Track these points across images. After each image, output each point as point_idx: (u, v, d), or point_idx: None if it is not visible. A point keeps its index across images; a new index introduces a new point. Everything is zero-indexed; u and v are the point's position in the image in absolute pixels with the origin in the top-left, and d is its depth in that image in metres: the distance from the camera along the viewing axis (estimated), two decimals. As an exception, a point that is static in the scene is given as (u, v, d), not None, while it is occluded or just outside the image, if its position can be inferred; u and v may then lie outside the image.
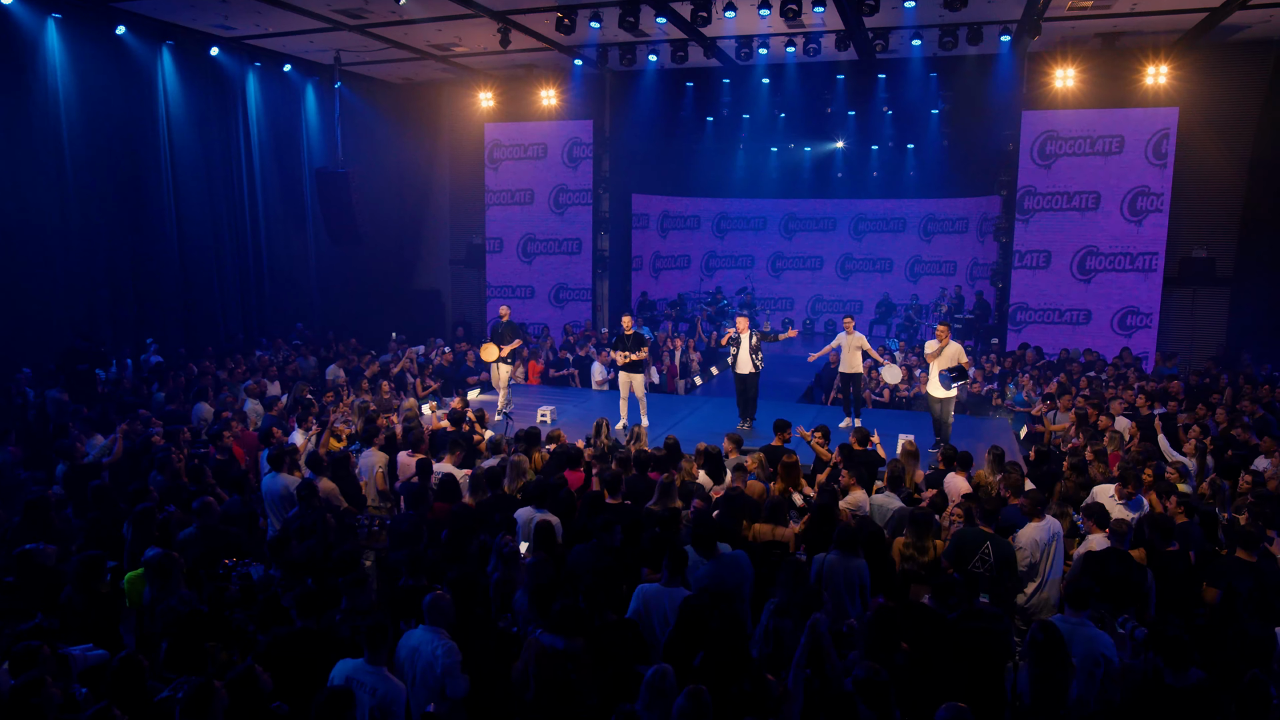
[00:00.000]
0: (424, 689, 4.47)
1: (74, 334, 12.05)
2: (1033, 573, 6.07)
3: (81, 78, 12.70)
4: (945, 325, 10.34)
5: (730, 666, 4.17)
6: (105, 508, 6.73)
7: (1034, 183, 15.98)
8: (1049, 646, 4.16)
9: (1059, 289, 16.09)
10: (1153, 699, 4.11)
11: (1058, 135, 15.79)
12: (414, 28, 14.59)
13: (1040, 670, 4.16)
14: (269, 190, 16.51)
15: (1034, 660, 4.19)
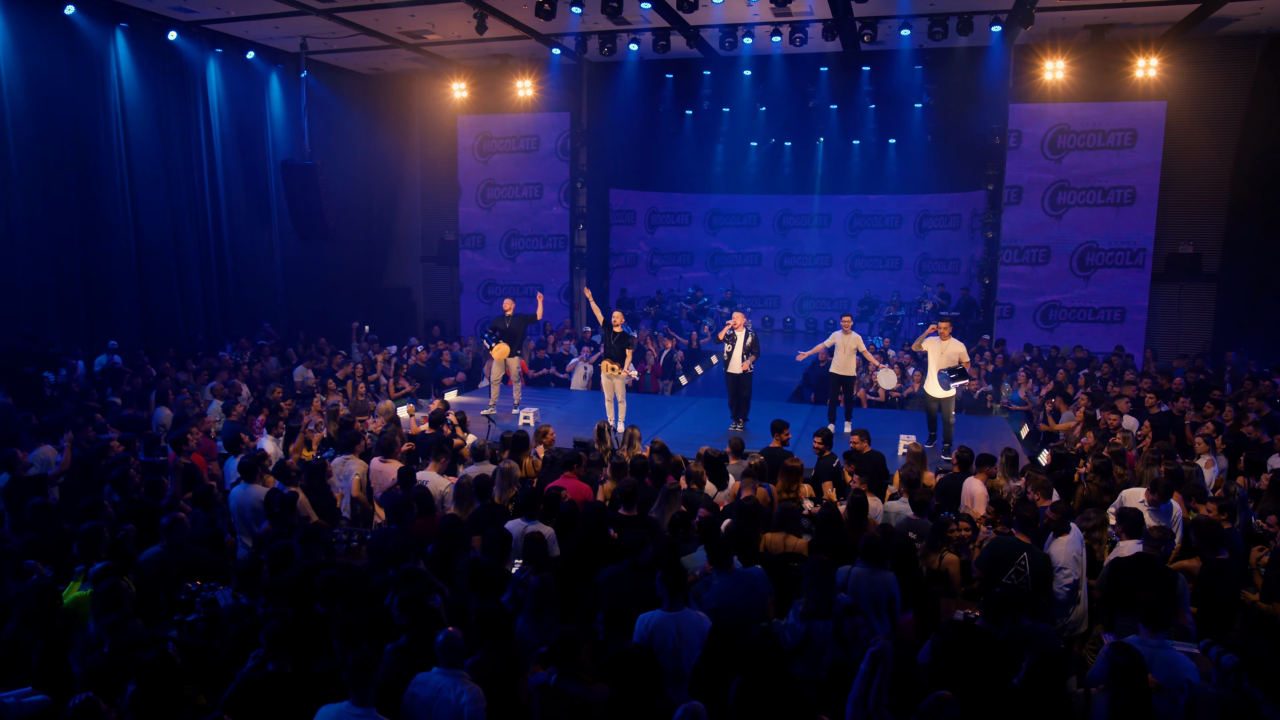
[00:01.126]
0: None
1: (16, 334, 11.24)
2: (1074, 595, 5.64)
3: (26, 59, 11.90)
4: (947, 322, 9.92)
5: (775, 701, 3.67)
6: (46, 527, 6.07)
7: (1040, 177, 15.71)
8: (1131, 671, 3.71)
9: (1051, 284, 15.87)
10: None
11: (1069, 129, 15.54)
12: (385, 13, 13.96)
13: (1121, 699, 3.71)
14: (231, 183, 15.73)
15: (1114, 688, 3.74)
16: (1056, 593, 5.59)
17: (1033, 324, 15.96)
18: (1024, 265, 16.03)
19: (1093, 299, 15.74)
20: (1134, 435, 9.02)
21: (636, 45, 15.49)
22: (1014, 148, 15.82)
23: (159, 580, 5.29)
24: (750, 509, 6.01)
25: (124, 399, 10.50)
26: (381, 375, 13.20)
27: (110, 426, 9.13)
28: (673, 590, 4.69)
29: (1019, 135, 15.80)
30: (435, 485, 7.19)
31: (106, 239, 13.26)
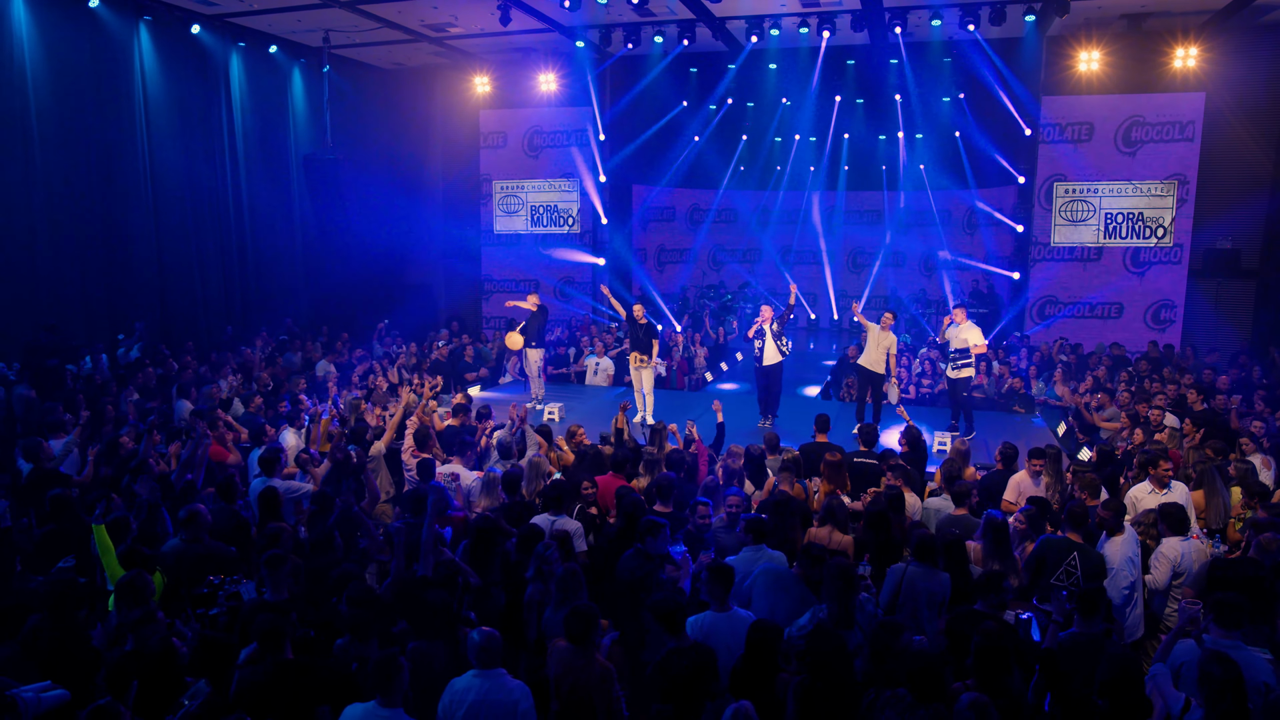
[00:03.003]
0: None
1: (38, 326, 11.18)
2: (1131, 598, 5.37)
3: (51, 52, 11.84)
4: (961, 308, 10.31)
5: (838, 699, 3.49)
6: (65, 519, 5.94)
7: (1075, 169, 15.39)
8: (1229, 683, 3.46)
9: (1084, 280, 15.52)
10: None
11: (1105, 121, 15.19)
12: (408, 5, 13.86)
13: (1218, 710, 3.45)
14: (253, 177, 15.63)
15: (1211, 699, 3.48)
16: (1112, 596, 5.32)
17: (1072, 320, 15.55)
18: (1059, 261, 15.66)
19: (1128, 295, 15.36)
20: (1179, 432, 8.71)
21: (661, 38, 15.28)
22: (1047, 141, 15.46)
23: (177, 573, 5.13)
24: (784, 503, 5.78)
25: (143, 392, 10.40)
26: (402, 370, 13.05)
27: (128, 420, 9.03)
28: (723, 591, 4.52)
29: (1053, 128, 15.44)
30: (464, 479, 7.06)
31: (128, 233, 13.19)
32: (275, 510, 5.89)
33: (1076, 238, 15.62)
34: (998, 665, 3.78)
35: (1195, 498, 6.72)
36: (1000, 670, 3.78)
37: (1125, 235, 15.43)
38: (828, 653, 3.87)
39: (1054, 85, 15.27)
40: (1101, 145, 15.23)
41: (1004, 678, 3.80)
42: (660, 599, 4.30)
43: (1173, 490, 6.49)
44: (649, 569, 5.05)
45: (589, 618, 4.16)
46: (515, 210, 18.84)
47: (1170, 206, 15.14)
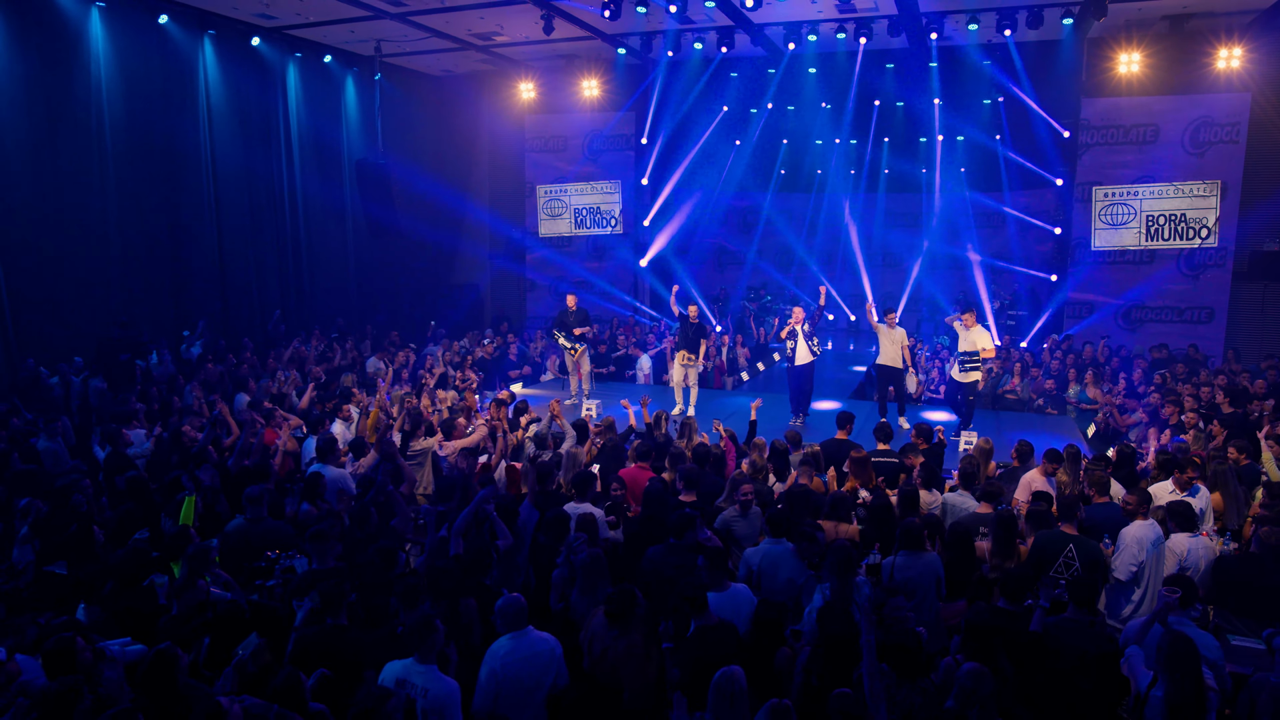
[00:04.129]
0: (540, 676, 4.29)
1: (112, 322, 11.92)
2: (1138, 578, 5.58)
3: (123, 67, 12.61)
4: (971, 312, 10.48)
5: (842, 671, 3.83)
6: (140, 498, 6.50)
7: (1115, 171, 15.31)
8: (1185, 658, 3.71)
9: (1125, 282, 15.46)
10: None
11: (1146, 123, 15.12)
12: (456, 16, 14.36)
13: (1176, 683, 3.70)
14: (308, 182, 16.35)
15: (1170, 673, 3.73)
16: (1120, 574, 5.55)
17: (1115, 323, 15.49)
18: (1101, 264, 15.61)
19: (1180, 299, 15.25)
20: (1203, 433, 8.78)
21: (701, 44, 15.60)
22: (1087, 144, 15.44)
23: (241, 549, 5.63)
24: (800, 495, 6.09)
25: (205, 385, 11.05)
26: (449, 367, 13.57)
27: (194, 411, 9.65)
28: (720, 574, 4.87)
29: (1093, 130, 15.41)
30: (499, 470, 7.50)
31: (192, 235, 13.95)
32: (319, 492, 6.37)
33: (1117, 240, 15.57)
34: (987, 644, 4.06)
35: (1214, 499, 6.84)
36: (989, 647, 4.05)
37: (1168, 237, 15.34)
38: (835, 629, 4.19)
39: (1094, 88, 15.24)
40: (1143, 147, 15.16)
41: (994, 656, 4.07)
42: (687, 583, 4.65)
43: (1196, 496, 6.57)
44: (684, 562, 5.27)
45: (629, 600, 4.47)
46: (559, 213, 19.32)
47: (1214, 208, 15.01)
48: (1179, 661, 3.78)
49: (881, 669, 3.82)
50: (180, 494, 6.16)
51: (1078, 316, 15.81)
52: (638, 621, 4.47)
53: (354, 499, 6.45)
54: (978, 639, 4.06)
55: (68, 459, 8.30)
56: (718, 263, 21.82)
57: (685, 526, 5.33)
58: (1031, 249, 17.63)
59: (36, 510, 6.15)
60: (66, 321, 11.93)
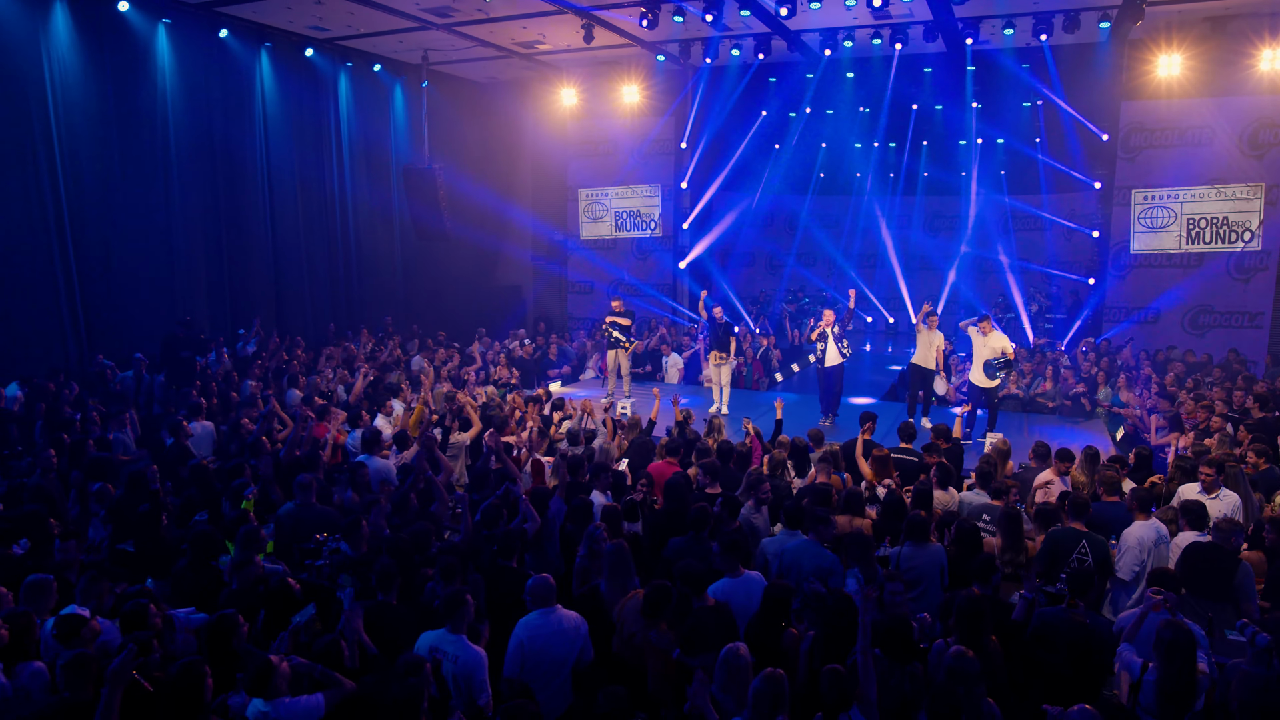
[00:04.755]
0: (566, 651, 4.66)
1: (175, 321, 12.62)
2: (1140, 577, 5.77)
3: (186, 79, 13.31)
4: (988, 319, 10.68)
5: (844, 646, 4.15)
6: (201, 485, 7.03)
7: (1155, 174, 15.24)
8: (1180, 645, 3.95)
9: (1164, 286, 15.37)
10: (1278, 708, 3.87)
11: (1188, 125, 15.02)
12: (500, 26, 14.83)
13: (1169, 671, 3.94)
14: (358, 187, 17.00)
15: (1165, 659, 3.97)
16: (1123, 574, 5.75)
17: (1181, 329, 15.33)
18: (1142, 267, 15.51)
19: (1214, 301, 15.12)
20: (1228, 437, 8.84)
21: (739, 50, 15.88)
22: (1126, 147, 15.38)
23: (292, 531, 6.11)
24: (818, 489, 6.39)
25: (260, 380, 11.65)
26: (490, 363, 14.06)
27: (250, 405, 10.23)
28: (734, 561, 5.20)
29: (1133, 133, 15.35)
30: (535, 460, 7.92)
31: (248, 238, 14.66)
32: (359, 482, 6.84)
33: (1157, 244, 15.48)
34: (976, 626, 4.33)
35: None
36: (977, 630, 4.33)
37: (1209, 240, 15.21)
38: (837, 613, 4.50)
39: (1133, 90, 15.18)
40: (1187, 150, 15.06)
41: (981, 637, 4.34)
42: (685, 565, 4.99)
43: (1221, 499, 6.69)
44: (705, 553, 5.57)
45: (664, 595, 4.74)
46: (600, 216, 19.73)
47: (1257, 210, 14.85)
48: (1176, 650, 4.01)
49: (875, 653, 4.11)
50: (237, 480, 6.67)
51: (1115, 320, 15.75)
52: (668, 615, 4.80)
53: (395, 488, 6.91)
54: (967, 623, 4.33)
55: (134, 448, 8.91)
56: (755, 265, 22.05)
57: (703, 520, 5.65)
58: (1069, 253, 17.58)
59: (109, 494, 6.72)
60: (132, 320, 12.67)
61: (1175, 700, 3.91)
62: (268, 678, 3.72)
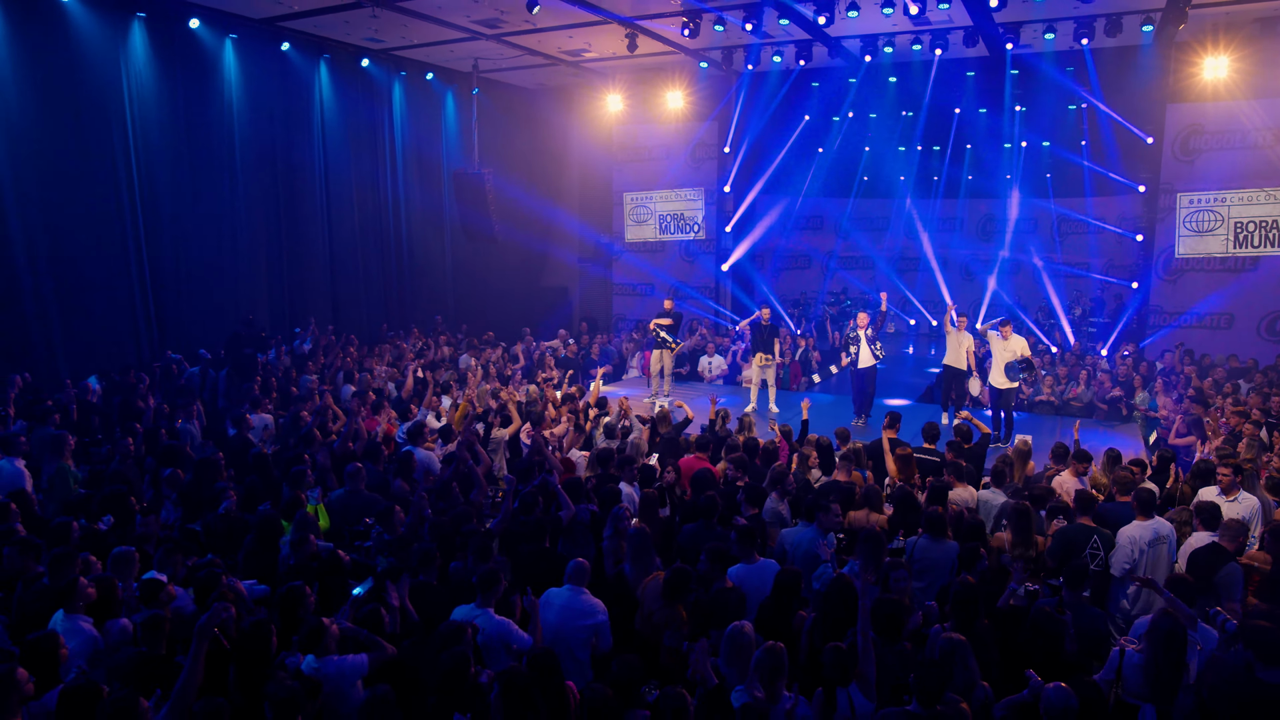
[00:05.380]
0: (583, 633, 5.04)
1: (238, 319, 13.36)
2: (1131, 574, 5.97)
3: (250, 90, 14.05)
4: (1008, 323, 10.89)
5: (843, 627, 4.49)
6: (262, 473, 7.61)
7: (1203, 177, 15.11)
8: (1173, 634, 4.21)
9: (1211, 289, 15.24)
10: (1242, 692, 4.10)
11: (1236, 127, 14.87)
12: (546, 36, 15.33)
13: (1158, 656, 4.20)
14: (410, 191, 17.66)
15: (1157, 646, 4.22)
16: (1114, 570, 6.00)
17: (1256, 336, 15.17)
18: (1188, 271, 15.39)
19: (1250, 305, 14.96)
20: (1261, 443, 8.89)
21: (780, 57, 16.14)
22: (1171, 150, 15.29)
23: (343, 515, 6.62)
24: (838, 485, 6.70)
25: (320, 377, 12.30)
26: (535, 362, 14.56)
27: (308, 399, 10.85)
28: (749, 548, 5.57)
29: (1179, 136, 15.25)
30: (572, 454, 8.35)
31: (306, 243, 15.39)
32: (409, 471, 7.35)
33: (1203, 247, 15.35)
34: (967, 611, 4.63)
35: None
36: (969, 614, 4.63)
37: (1257, 244, 15.05)
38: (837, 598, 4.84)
39: (1180, 93, 15.09)
40: (1234, 153, 14.92)
41: (973, 621, 4.64)
42: (714, 547, 5.38)
43: (1240, 502, 6.81)
44: (714, 539, 5.92)
45: (684, 579, 5.16)
46: (645, 219, 20.15)
47: (1308, 214, 14.68)
48: (1171, 639, 4.28)
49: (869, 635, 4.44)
50: (295, 467, 7.23)
51: (1159, 324, 15.66)
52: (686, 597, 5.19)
53: (437, 477, 7.40)
54: (960, 608, 4.63)
55: (199, 438, 9.57)
56: (797, 268, 22.24)
57: (712, 509, 6.05)
58: (1112, 257, 17.48)
59: (180, 479, 7.32)
60: (199, 318, 13.44)
61: (1166, 685, 4.17)
62: (320, 637, 4.20)
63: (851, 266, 22.04)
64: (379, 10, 13.26)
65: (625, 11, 13.75)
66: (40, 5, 11.13)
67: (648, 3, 13.37)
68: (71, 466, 7.80)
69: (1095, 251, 18.37)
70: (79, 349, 11.79)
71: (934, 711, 3.77)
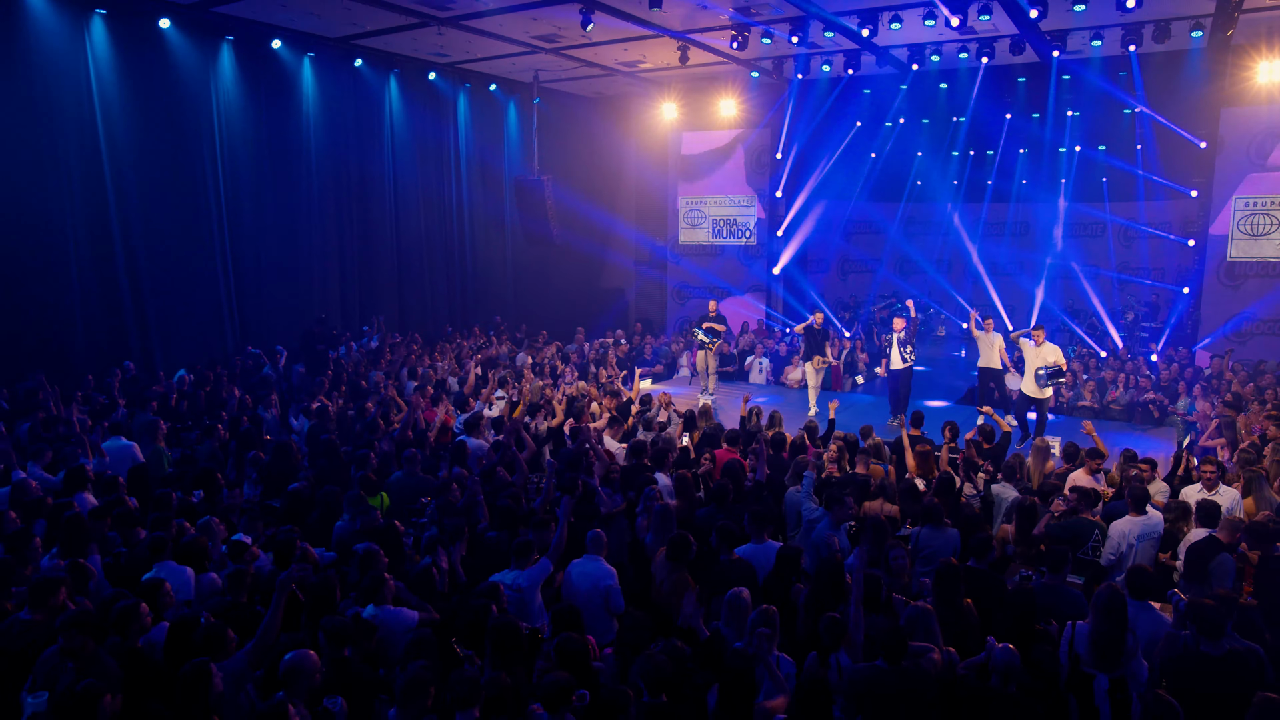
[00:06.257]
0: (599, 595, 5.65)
1: (312, 318, 14.38)
2: (1118, 566, 6.35)
3: (326, 104, 15.10)
4: (1041, 329, 11.11)
5: (829, 599, 5.04)
6: (331, 457, 8.45)
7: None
8: (1113, 603, 4.64)
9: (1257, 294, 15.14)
10: (1187, 664, 4.52)
11: None
12: (602, 49, 16.02)
13: (1104, 623, 4.63)
14: (473, 198, 18.56)
15: (1099, 614, 4.64)
16: (1102, 560, 6.41)
17: (1242, 335, 15.19)
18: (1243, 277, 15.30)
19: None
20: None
21: (829, 66, 16.54)
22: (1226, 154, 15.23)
23: (401, 495, 7.40)
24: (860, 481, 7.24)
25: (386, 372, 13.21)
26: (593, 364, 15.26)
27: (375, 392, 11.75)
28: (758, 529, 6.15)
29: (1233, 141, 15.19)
30: (610, 445, 9.01)
31: (376, 246, 16.40)
32: (463, 458, 8.11)
33: (1256, 251, 15.26)
34: (949, 589, 5.12)
35: (1246, 504, 7.32)
36: (951, 592, 5.12)
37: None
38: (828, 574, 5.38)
39: (1234, 97, 15.01)
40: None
41: (955, 599, 5.13)
42: (723, 526, 5.97)
43: (1220, 494, 7.15)
44: (725, 521, 6.58)
45: (684, 544, 5.84)
46: (698, 224, 20.71)
47: (1368, 219, 14.49)
48: (1109, 610, 4.71)
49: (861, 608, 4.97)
50: (360, 452, 8.04)
51: (1210, 329, 15.58)
52: (689, 561, 5.80)
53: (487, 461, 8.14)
54: (942, 586, 5.12)
55: (277, 425, 10.51)
56: (847, 271, 22.55)
57: (723, 495, 6.68)
58: (1163, 261, 17.41)
59: (260, 460, 8.20)
60: (276, 317, 14.52)
61: (1107, 651, 4.60)
62: (378, 588, 4.95)
63: (900, 270, 22.26)
64: (444, 28, 14.14)
65: (676, 26, 14.36)
66: (143, 31, 12.27)
67: (697, 17, 13.94)
68: (165, 449, 8.77)
69: (1145, 256, 18.28)
70: (171, 344, 12.93)
71: (898, 666, 4.29)
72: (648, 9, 12.56)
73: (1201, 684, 4.47)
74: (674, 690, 4.10)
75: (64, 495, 6.83)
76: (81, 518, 5.91)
